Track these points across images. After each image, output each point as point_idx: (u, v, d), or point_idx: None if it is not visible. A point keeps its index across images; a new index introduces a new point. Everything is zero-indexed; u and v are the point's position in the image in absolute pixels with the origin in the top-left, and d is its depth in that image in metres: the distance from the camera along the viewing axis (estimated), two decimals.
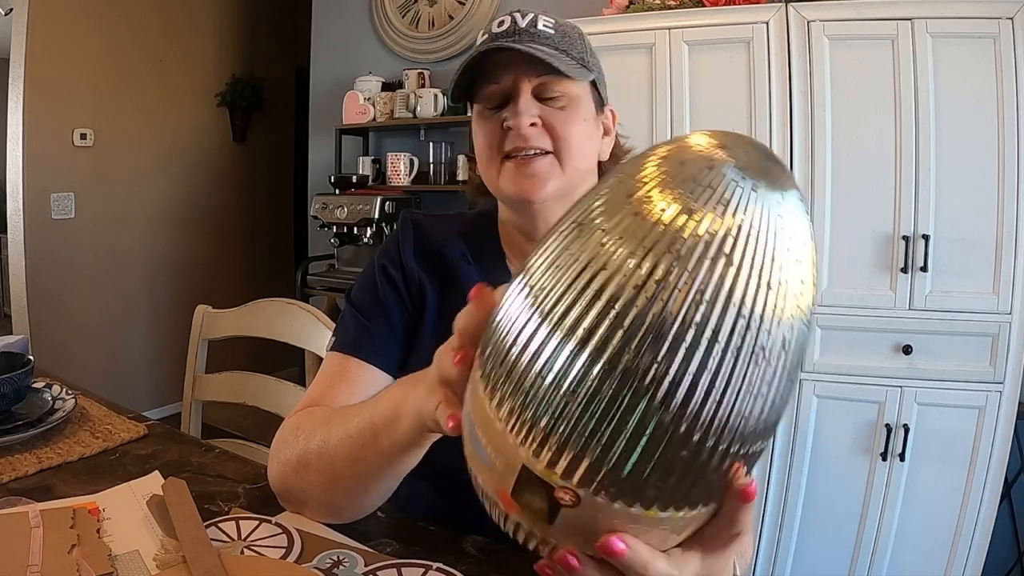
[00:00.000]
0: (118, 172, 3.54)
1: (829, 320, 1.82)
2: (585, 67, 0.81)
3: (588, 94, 0.83)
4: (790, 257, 0.35)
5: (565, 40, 0.80)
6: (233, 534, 0.73)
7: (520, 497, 0.38)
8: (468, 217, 0.96)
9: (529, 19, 0.80)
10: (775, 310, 0.35)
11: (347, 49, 3.31)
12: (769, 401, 0.38)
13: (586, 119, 0.81)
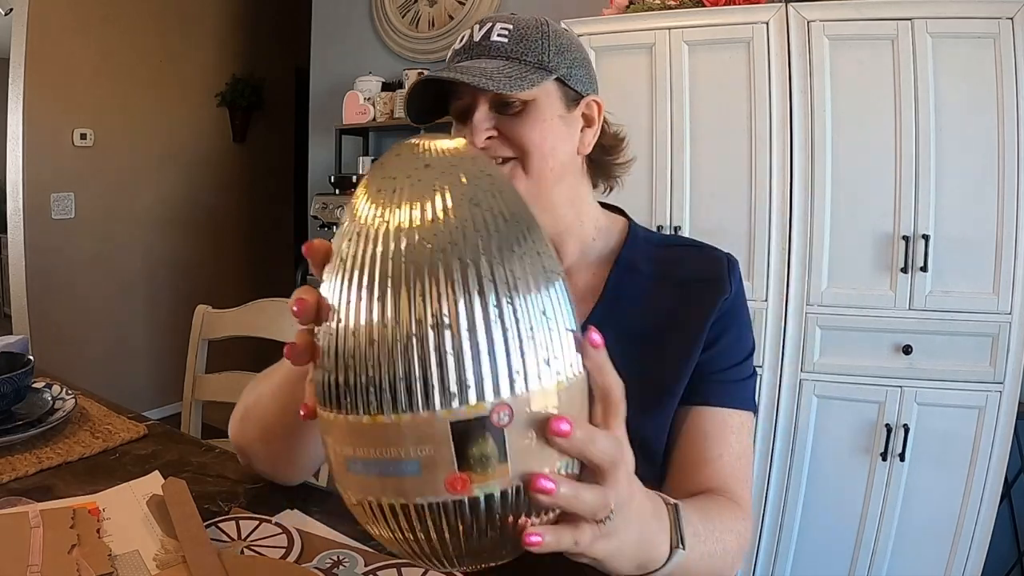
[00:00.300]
0: (118, 172, 3.54)
1: (829, 320, 1.82)
2: (543, 68, 0.80)
3: (552, 93, 0.81)
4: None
5: (521, 45, 0.80)
6: (233, 534, 0.73)
7: (468, 461, 0.37)
8: None
9: (484, 31, 0.81)
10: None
11: (347, 49, 3.31)
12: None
13: (548, 119, 0.80)
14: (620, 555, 0.48)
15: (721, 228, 1.92)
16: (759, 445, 1.90)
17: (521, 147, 0.79)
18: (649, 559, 0.53)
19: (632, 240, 0.89)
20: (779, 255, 1.86)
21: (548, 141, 0.80)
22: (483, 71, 0.76)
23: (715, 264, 0.86)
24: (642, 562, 0.52)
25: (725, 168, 1.91)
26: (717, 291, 0.84)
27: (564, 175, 0.83)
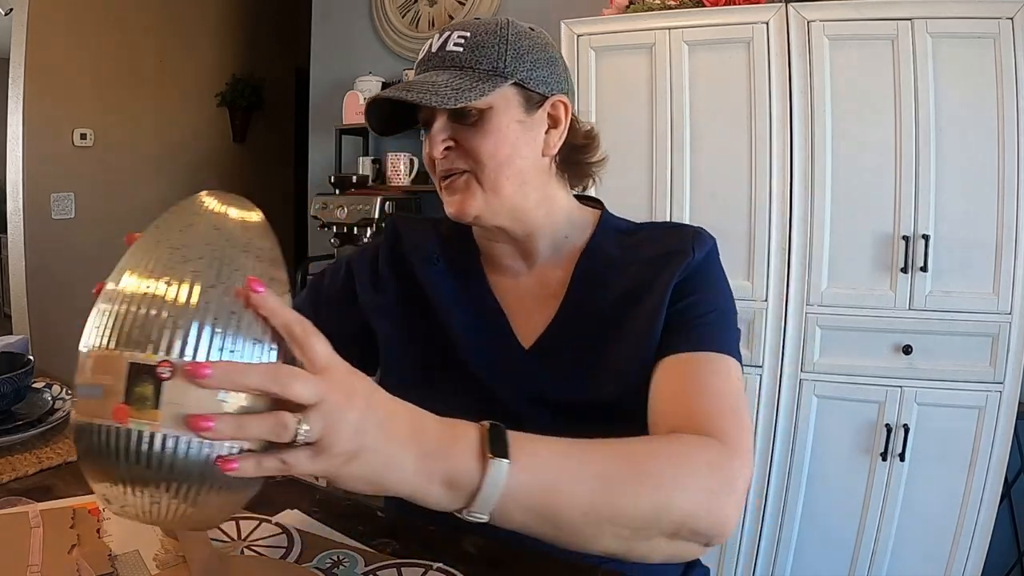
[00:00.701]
0: (118, 172, 3.54)
1: (829, 320, 1.82)
2: (497, 74, 0.79)
3: (511, 98, 0.81)
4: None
5: (476, 53, 0.80)
6: (233, 534, 0.73)
7: (131, 397, 0.46)
8: (448, 224, 0.96)
9: (441, 41, 0.82)
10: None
11: (347, 49, 3.31)
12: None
13: (505, 126, 0.80)
14: (359, 469, 0.50)
15: (721, 228, 1.89)
16: (759, 445, 1.90)
17: (476, 156, 0.80)
18: (431, 475, 0.53)
19: (602, 230, 0.90)
20: (779, 255, 1.86)
21: (504, 149, 0.80)
22: (432, 85, 0.77)
23: (679, 237, 0.86)
24: (407, 477, 0.52)
25: (725, 168, 1.91)
26: (678, 259, 0.82)
27: (527, 179, 0.83)
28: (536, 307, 0.86)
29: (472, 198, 0.81)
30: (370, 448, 0.50)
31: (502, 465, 0.54)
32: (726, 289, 0.85)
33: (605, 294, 0.84)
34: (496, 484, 0.53)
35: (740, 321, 1.95)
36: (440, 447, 0.54)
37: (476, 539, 0.75)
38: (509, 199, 0.82)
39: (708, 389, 0.74)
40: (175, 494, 0.47)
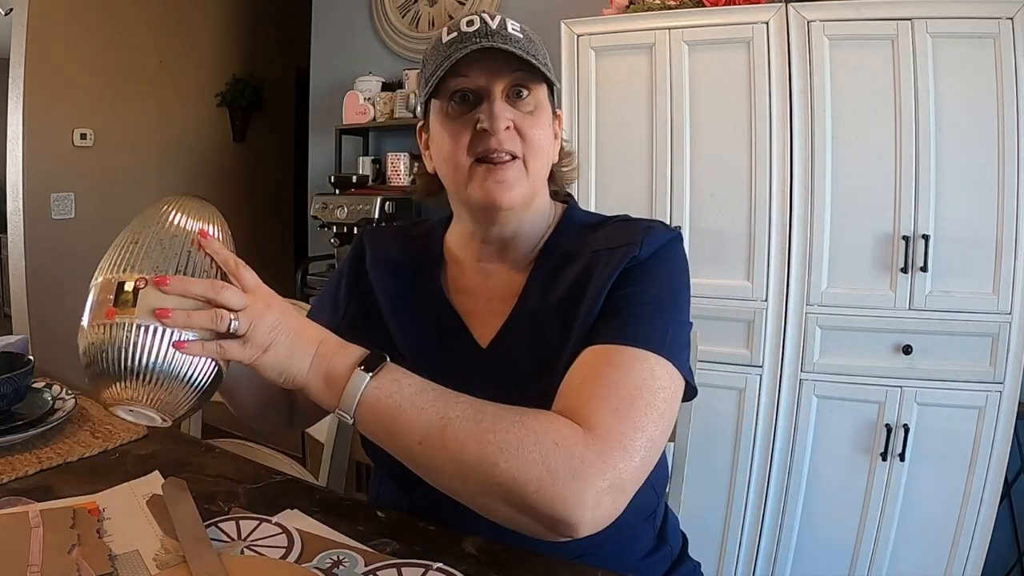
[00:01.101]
0: (118, 172, 3.54)
1: (829, 320, 1.82)
2: (549, 71, 0.81)
3: (547, 101, 0.83)
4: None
5: (532, 45, 0.80)
6: (233, 534, 0.73)
7: (117, 302, 0.66)
8: (423, 226, 0.99)
9: (499, 21, 0.80)
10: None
11: (347, 49, 3.31)
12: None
13: (547, 124, 0.83)
14: (272, 358, 0.68)
15: (721, 228, 1.92)
16: (759, 444, 1.90)
17: (532, 145, 0.80)
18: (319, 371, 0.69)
19: (563, 225, 0.90)
20: (779, 255, 1.86)
21: (546, 144, 0.82)
22: (524, 52, 0.76)
23: (632, 232, 0.83)
24: (303, 369, 0.69)
25: (725, 168, 1.91)
26: (624, 253, 0.80)
27: (543, 184, 0.86)
28: (497, 308, 0.86)
29: (520, 185, 0.80)
30: (281, 343, 0.69)
31: (364, 376, 0.68)
32: (676, 284, 0.81)
33: (553, 291, 0.84)
34: (356, 390, 0.67)
35: (740, 321, 1.95)
36: (331, 352, 0.70)
37: (476, 539, 0.75)
38: (538, 193, 0.84)
39: (605, 380, 0.71)
40: (151, 382, 0.65)
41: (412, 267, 0.93)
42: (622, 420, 0.68)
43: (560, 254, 0.86)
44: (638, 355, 0.72)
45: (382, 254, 0.96)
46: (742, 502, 1.93)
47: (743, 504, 1.93)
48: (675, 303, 0.79)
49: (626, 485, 0.66)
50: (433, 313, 0.89)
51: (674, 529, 0.94)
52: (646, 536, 0.87)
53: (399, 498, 0.88)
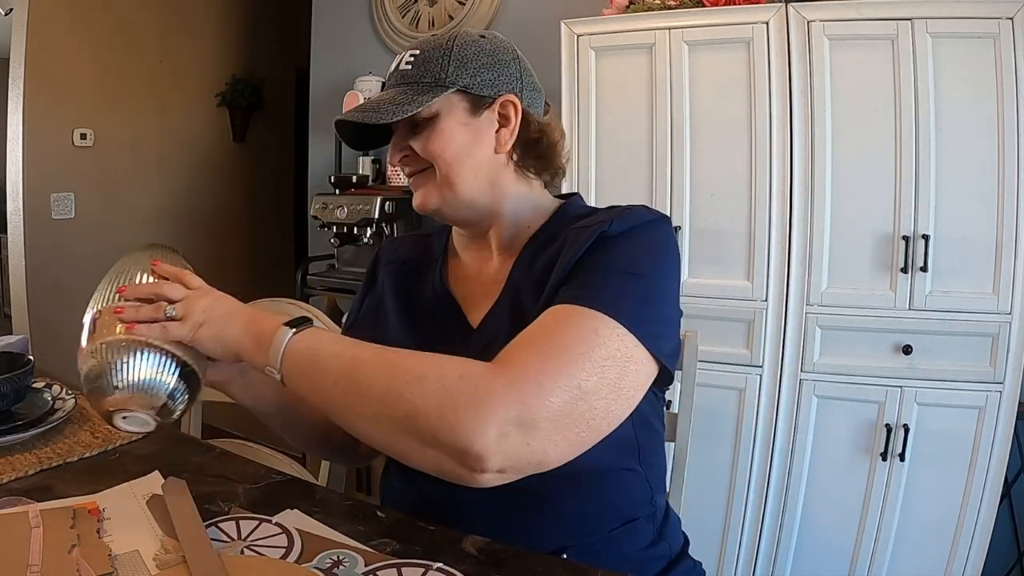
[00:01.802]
0: (118, 172, 3.54)
1: (829, 320, 1.82)
2: (439, 85, 0.86)
3: (455, 103, 0.87)
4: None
5: (420, 69, 0.87)
6: (233, 534, 0.73)
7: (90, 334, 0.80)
8: (434, 229, 1.07)
9: (397, 62, 0.90)
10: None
11: (347, 49, 3.31)
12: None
13: (449, 129, 0.87)
14: (207, 331, 0.79)
15: (721, 228, 1.92)
16: (759, 444, 1.90)
17: (434, 156, 0.87)
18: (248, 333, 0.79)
19: (557, 215, 0.93)
20: (779, 255, 1.86)
21: (451, 149, 0.87)
22: (378, 104, 0.85)
23: (611, 212, 0.85)
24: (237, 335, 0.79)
25: (725, 168, 1.91)
26: (596, 229, 0.81)
27: (480, 176, 0.89)
28: (489, 291, 0.91)
29: (430, 192, 0.90)
30: (215, 319, 0.79)
31: (287, 332, 0.76)
32: (647, 259, 0.80)
33: (535, 267, 0.87)
34: (280, 344, 0.75)
35: (740, 321, 1.95)
36: (260, 319, 0.79)
37: (476, 539, 0.75)
38: (464, 194, 0.89)
39: (543, 331, 0.72)
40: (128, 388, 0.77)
41: (416, 263, 1.02)
42: (544, 361, 0.68)
43: (545, 237, 0.91)
44: (585, 313, 0.72)
45: (392, 254, 1.06)
46: (742, 502, 1.93)
47: (743, 504, 1.93)
48: (642, 276, 0.78)
49: (540, 423, 0.66)
50: (432, 301, 0.96)
51: (675, 528, 0.94)
52: (644, 531, 0.87)
53: (408, 491, 0.90)
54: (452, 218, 0.93)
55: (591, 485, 0.83)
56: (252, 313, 0.81)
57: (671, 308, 0.81)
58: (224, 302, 0.82)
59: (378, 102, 0.86)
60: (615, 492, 0.85)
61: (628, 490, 0.87)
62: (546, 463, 0.68)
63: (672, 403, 1.95)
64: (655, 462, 0.91)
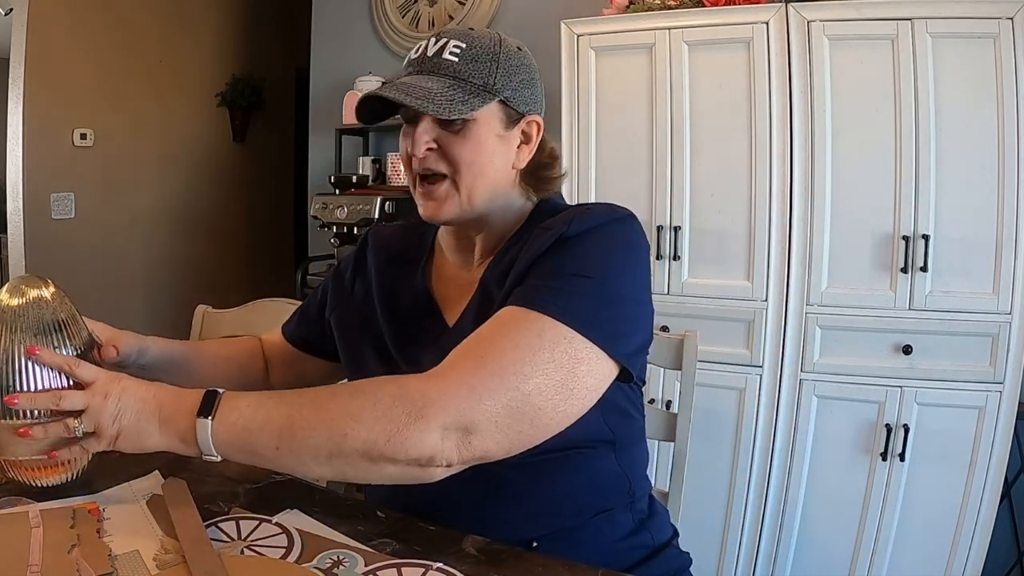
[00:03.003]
0: (118, 172, 3.53)
1: (829, 320, 1.82)
2: (487, 90, 0.84)
3: (494, 114, 0.86)
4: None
5: (470, 66, 0.84)
6: (233, 534, 0.73)
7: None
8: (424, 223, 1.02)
9: (439, 47, 0.85)
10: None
11: (347, 49, 3.31)
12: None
13: (484, 139, 0.85)
14: (125, 442, 0.75)
15: (721, 228, 1.92)
16: (759, 444, 1.90)
17: (458, 164, 0.84)
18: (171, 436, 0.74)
19: (531, 217, 0.92)
20: (779, 255, 1.86)
21: (480, 160, 0.85)
22: (427, 92, 0.81)
23: (571, 213, 0.84)
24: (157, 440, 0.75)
25: (725, 168, 1.91)
26: (554, 232, 0.81)
27: (496, 188, 0.88)
28: (467, 291, 0.91)
29: (450, 203, 0.87)
30: (128, 427, 0.74)
31: (207, 423, 0.72)
32: (604, 260, 0.79)
33: (501, 267, 0.87)
34: (206, 436, 0.72)
35: (740, 321, 1.95)
36: (172, 415, 0.74)
37: (476, 539, 0.75)
38: (481, 205, 0.88)
39: (484, 336, 0.75)
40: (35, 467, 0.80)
41: (403, 257, 1.01)
42: (480, 367, 0.71)
43: (518, 241, 0.89)
44: (532, 316, 0.74)
45: (381, 245, 1.04)
46: (742, 502, 1.93)
47: (743, 504, 1.93)
48: (596, 278, 0.77)
49: (478, 425, 0.70)
50: (413, 298, 0.96)
51: (661, 519, 0.94)
52: (622, 521, 0.87)
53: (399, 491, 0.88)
54: (459, 226, 0.92)
55: (560, 475, 0.84)
56: (161, 405, 0.75)
57: (633, 306, 0.80)
58: (128, 398, 0.75)
59: (427, 90, 0.81)
60: (586, 483, 0.86)
61: (601, 480, 0.87)
62: (489, 457, 0.72)
63: (672, 403, 1.96)
64: (634, 452, 0.91)
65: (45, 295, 0.82)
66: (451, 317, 0.91)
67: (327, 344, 1.05)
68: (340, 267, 1.07)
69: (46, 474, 0.80)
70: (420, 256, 1.00)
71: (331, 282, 1.07)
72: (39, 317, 0.80)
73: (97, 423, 0.74)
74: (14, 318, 0.79)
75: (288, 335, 1.10)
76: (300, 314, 1.11)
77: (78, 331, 0.84)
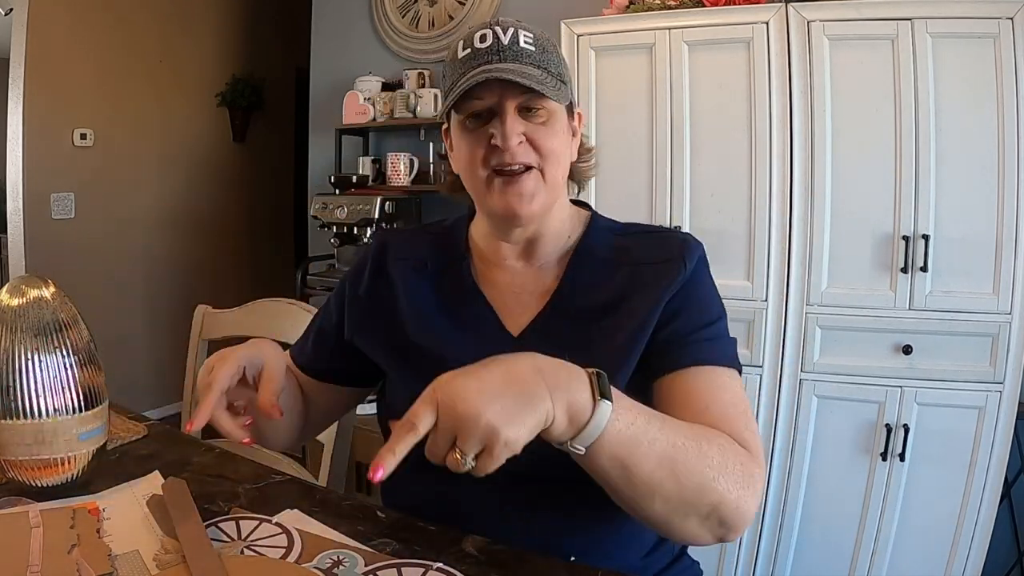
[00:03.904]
0: (118, 172, 3.54)
1: (829, 320, 1.82)
2: (562, 81, 0.84)
3: (563, 106, 0.86)
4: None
5: (545, 56, 0.83)
6: (233, 534, 0.73)
7: None
8: (443, 225, 1.01)
9: (511, 35, 0.82)
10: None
11: (347, 49, 3.31)
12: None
13: (563, 130, 0.85)
14: (524, 427, 0.59)
15: (721, 228, 1.92)
16: None
17: (547, 155, 0.82)
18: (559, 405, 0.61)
19: (592, 230, 0.93)
20: (779, 255, 1.86)
21: (562, 151, 0.85)
22: (534, 77, 0.79)
23: (670, 246, 0.88)
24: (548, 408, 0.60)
25: (725, 168, 1.91)
26: (671, 272, 0.84)
27: (564, 182, 0.89)
28: (530, 301, 0.89)
29: (538, 195, 0.83)
30: (512, 410, 0.58)
31: (607, 407, 0.63)
32: (716, 295, 0.87)
33: (593, 294, 0.86)
34: (600, 422, 0.62)
35: (740, 321, 1.95)
36: (563, 382, 0.62)
37: (476, 539, 0.75)
38: (556, 197, 0.87)
39: (726, 403, 0.77)
40: None
41: (437, 263, 0.95)
42: (755, 435, 0.77)
43: (597, 259, 0.89)
44: (731, 374, 0.81)
45: (406, 251, 0.97)
46: None
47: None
48: (722, 312, 0.86)
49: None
50: (461, 303, 0.91)
51: None
52: (647, 537, 0.87)
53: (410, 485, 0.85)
54: (538, 224, 0.88)
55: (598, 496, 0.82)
56: (544, 374, 0.63)
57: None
58: (498, 385, 0.60)
59: (530, 75, 0.79)
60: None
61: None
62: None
63: None
64: None
65: (45, 295, 0.82)
66: (513, 326, 0.87)
67: (351, 368, 0.97)
68: (350, 285, 0.98)
69: (46, 474, 0.80)
70: (460, 260, 0.94)
71: (344, 303, 0.97)
72: (39, 317, 0.80)
73: (486, 441, 0.58)
74: (14, 318, 0.79)
75: (308, 369, 0.99)
76: (315, 346, 1.00)
77: (79, 332, 0.83)
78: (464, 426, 0.57)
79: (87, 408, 0.82)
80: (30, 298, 0.81)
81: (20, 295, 0.81)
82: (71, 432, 0.80)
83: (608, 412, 0.62)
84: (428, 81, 2.98)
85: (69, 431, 0.80)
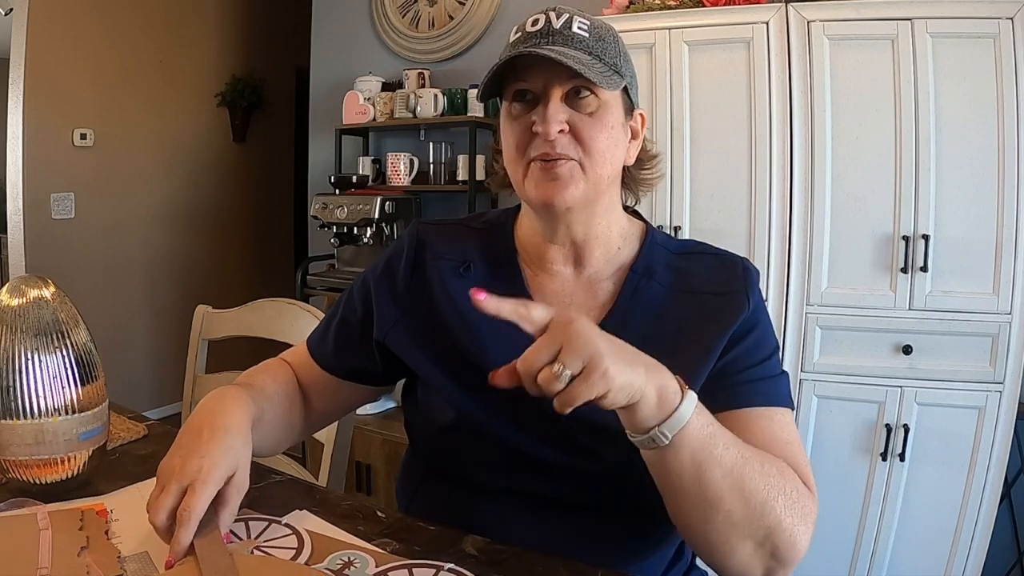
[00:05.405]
0: (118, 172, 3.54)
1: (829, 320, 1.83)
2: (618, 73, 0.79)
3: (618, 100, 0.81)
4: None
5: (599, 44, 0.79)
6: (242, 534, 0.74)
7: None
8: (485, 219, 0.95)
9: (564, 20, 0.78)
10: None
11: (347, 49, 3.31)
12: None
13: (613, 126, 0.80)
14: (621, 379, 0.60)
15: (721, 228, 1.92)
16: None
17: (589, 148, 0.78)
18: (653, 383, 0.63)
19: (650, 246, 0.88)
20: (779, 255, 1.87)
21: (609, 147, 0.80)
22: (580, 60, 0.74)
23: (732, 276, 0.86)
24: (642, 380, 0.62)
25: (725, 168, 1.92)
26: (734, 307, 0.82)
27: (611, 183, 0.84)
28: (582, 312, 0.83)
29: (575, 184, 0.78)
30: (619, 355, 0.61)
31: (693, 397, 0.65)
32: (771, 328, 0.87)
33: (652, 318, 0.83)
34: (686, 412, 0.63)
35: None
36: (655, 367, 0.64)
37: (476, 539, 0.75)
38: (598, 197, 0.82)
39: (785, 440, 0.77)
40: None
41: (484, 265, 0.89)
42: (811, 474, 0.76)
43: (655, 282, 0.85)
44: (786, 412, 0.81)
45: (445, 248, 0.91)
46: None
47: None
48: (776, 345, 0.86)
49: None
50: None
51: None
52: (667, 551, 0.87)
53: (441, 494, 0.87)
54: (584, 222, 0.84)
55: (631, 517, 0.81)
56: (638, 352, 0.65)
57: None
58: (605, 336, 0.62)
59: (577, 57, 0.75)
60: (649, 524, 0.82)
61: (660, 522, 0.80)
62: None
63: None
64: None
65: (45, 295, 0.82)
66: None
67: (375, 368, 0.93)
68: (383, 280, 0.92)
69: (46, 472, 0.81)
70: (509, 264, 0.89)
71: (372, 299, 0.91)
72: (39, 317, 0.80)
73: (588, 358, 0.58)
74: (14, 318, 0.79)
75: (329, 367, 0.94)
76: (337, 342, 0.94)
77: (79, 332, 0.84)
78: (574, 341, 0.59)
79: (87, 408, 0.82)
80: (30, 298, 0.81)
81: (20, 295, 0.81)
82: (71, 432, 0.81)
83: (694, 403, 0.64)
84: (428, 81, 2.98)
85: (69, 431, 0.80)
